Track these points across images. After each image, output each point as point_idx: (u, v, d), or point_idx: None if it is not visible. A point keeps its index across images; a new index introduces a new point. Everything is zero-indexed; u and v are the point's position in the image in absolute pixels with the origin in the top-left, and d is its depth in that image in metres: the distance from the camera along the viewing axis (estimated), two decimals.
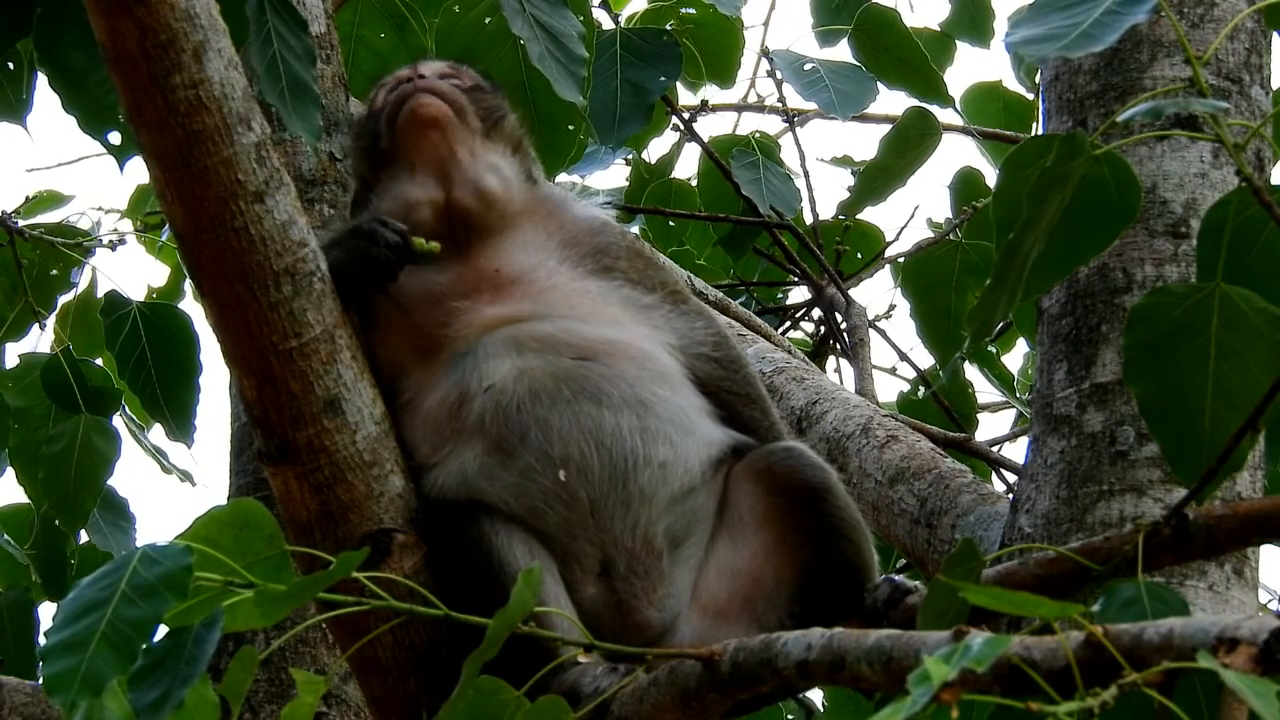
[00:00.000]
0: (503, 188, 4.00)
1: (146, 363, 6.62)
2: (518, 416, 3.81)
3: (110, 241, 7.15)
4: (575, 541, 3.83)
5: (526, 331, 3.87)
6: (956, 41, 8.17)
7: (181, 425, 6.67)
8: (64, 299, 7.12)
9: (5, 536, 7.25)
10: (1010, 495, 4.85)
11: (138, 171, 9.44)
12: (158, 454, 7.36)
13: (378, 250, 3.83)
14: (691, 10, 7.31)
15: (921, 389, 7.49)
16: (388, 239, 3.83)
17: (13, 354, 7.19)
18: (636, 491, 3.82)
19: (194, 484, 7.39)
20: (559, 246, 3.99)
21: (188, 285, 7.68)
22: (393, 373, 3.89)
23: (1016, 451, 7.74)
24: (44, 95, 7.91)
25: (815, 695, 6.95)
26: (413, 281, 3.92)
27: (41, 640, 3.36)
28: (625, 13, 7.44)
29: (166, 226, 7.23)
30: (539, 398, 3.82)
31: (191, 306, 6.96)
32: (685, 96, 7.82)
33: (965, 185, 7.59)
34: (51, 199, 7.52)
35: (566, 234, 4.02)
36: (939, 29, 8.14)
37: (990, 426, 12.72)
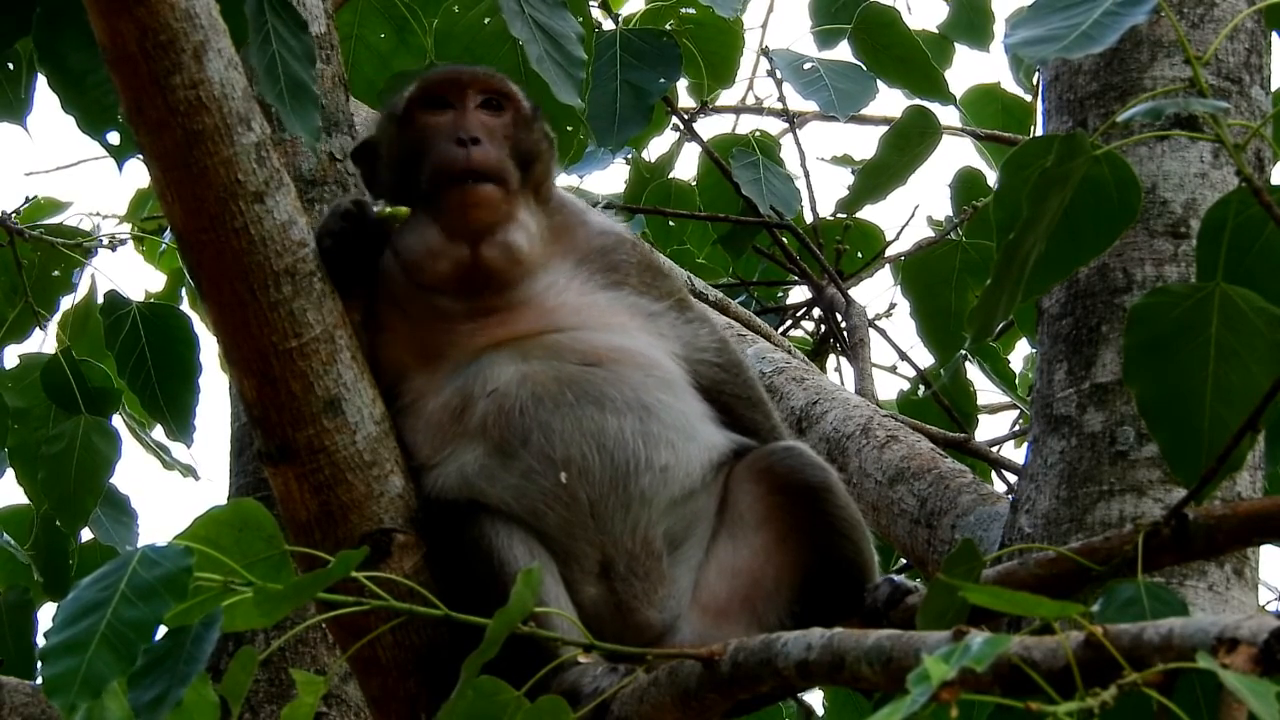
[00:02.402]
0: (529, 244, 3.93)
1: (146, 363, 6.62)
2: (520, 420, 3.81)
3: (110, 241, 7.15)
4: (575, 542, 3.83)
5: (533, 341, 3.87)
6: (955, 44, 8.17)
7: (181, 425, 6.67)
8: (65, 303, 7.13)
9: (5, 537, 7.25)
10: (1010, 495, 4.86)
11: (136, 175, 9.45)
12: (159, 450, 7.36)
13: (331, 220, 3.82)
14: (691, 10, 7.31)
15: (921, 388, 7.49)
16: (342, 209, 3.83)
17: (13, 355, 7.21)
18: (637, 494, 3.83)
19: (197, 478, 7.40)
20: (573, 266, 3.98)
21: (184, 291, 7.69)
22: (394, 375, 3.89)
23: (1016, 452, 7.75)
24: (44, 95, 7.90)
25: (815, 696, 6.95)
26: (419, 300, 3.91)
27: (41, 641, 3.37)
28: (624, 13, 7.44)
29: (165, 231, 7.26)
30: (541, 401, 3.82)
31: (189, 310, 6.97)
32: (685, 97, 7.82)
33: (965, 184, 7.59)
34: (50, 205, 7.52)
35: (580, 253, 4.00)
36: (937, 31, 8.14)
37: (990, 426, 12.70)
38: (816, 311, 8.07)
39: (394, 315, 3.92)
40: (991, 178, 7.61)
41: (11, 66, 5.87)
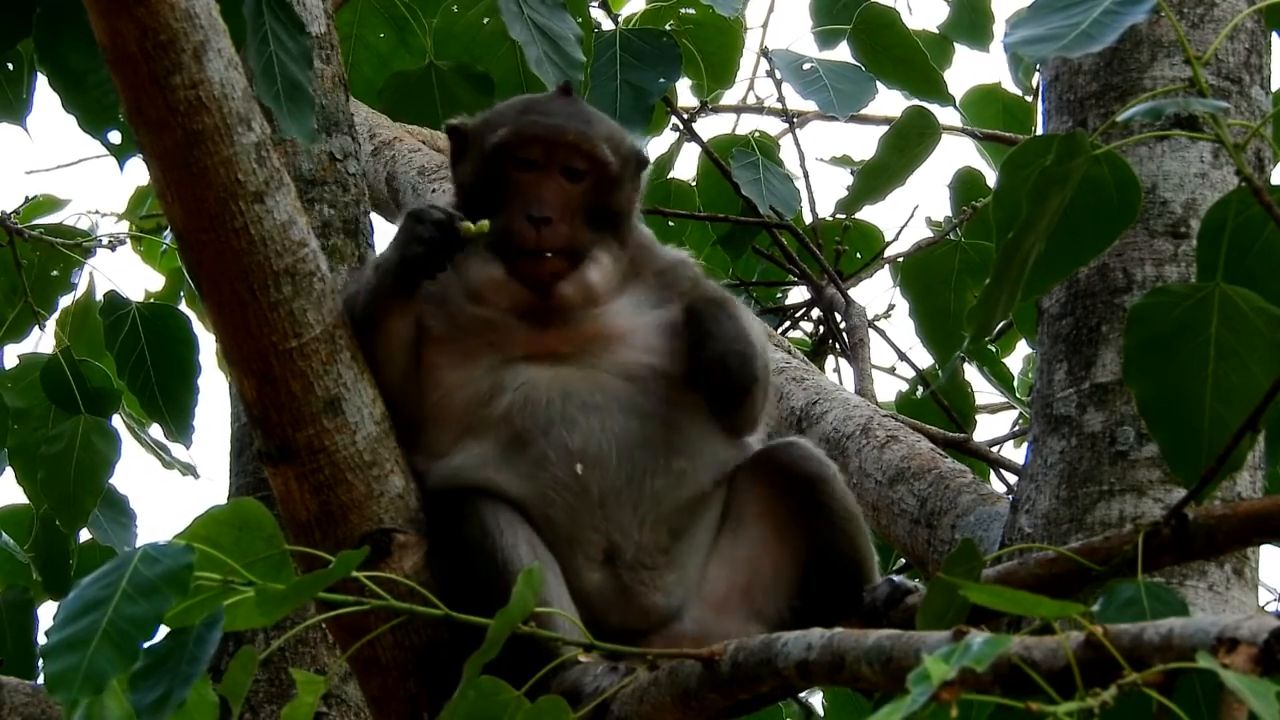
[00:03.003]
0: (604, 282, 3.94)
1: (145, 363, 6.63)
2: (545, 410, 3.83)
3: (110, 241, 7.16)
4: (581, 529, 3.84)
5: (576, 353, 3.89)
6: (955, 44, 8.17)
7: (180, 426, 6.68)
8: (64, 303, 7.13)
9: (5, 537, 7.26)
10: (1010, 495, 4.86)
11: (136, 174, 9.45)
12: (158, 449, 7.36)
13: (422, 228, 3.80)
14: (691, 11, 7.31)
15: (920, 389, 7.49)
16: (433, 217, 3.80)
17: (12, 355, 7.21)
18: (649, 493, 3.86)
19: (196, 476, 7.40)
20: (632, 290, 3.98)
21: (184, 292, 7.69)
22: (429, 375, 3.87)
23: (1016, 452, 7.75)
24: (44, 96, 7.91)
25: (815, 696, 6.95)
26: (469, 310, 3.90)
27: (41, 640, 3.36)
28: (624, 13, 7.44)
29: (164, 230, 7.26)
30: (570, 397, 3.84)
31: (189, 310, 6.97)
32: (685, 97, 7.83)
33: (965, 185, 7.59)
34: (49, 204, 7.53)
35: (644, 281, 4.01)
36: (937, 31, 8.14)
37: (990, 426, 12.69)
38: (816, 312, 8.07)
39: (438, 319, 3.91)
40: (991, 178, 7.61)
41: (11, 66, 5.87)
